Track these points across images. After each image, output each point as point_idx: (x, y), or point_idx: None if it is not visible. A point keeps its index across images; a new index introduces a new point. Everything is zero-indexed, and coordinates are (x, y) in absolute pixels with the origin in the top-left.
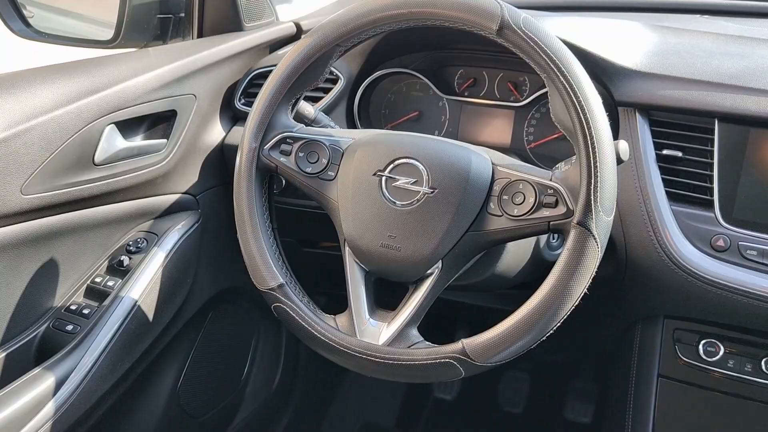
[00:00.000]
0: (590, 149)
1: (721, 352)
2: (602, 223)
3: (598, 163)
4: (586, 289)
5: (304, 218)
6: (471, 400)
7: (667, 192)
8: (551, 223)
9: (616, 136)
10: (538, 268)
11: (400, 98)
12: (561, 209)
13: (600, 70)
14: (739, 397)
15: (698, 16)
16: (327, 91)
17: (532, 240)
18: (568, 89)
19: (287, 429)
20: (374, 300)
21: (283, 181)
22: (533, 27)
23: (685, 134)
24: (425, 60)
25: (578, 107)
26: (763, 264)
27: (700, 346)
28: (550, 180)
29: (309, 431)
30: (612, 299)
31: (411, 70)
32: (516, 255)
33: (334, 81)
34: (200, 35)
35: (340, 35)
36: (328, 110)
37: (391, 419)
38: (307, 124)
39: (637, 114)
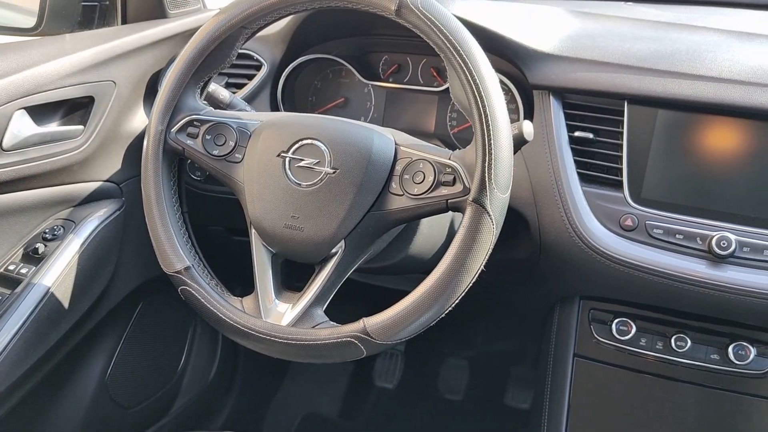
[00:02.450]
0: (485, 128)
1: (633, 331)
2: (497, 200)
3: (492, 141)
4: (483, 266)
5: (232, 206)
6: (412, 389)
7: (579, 173)
8: (449, 201)
9: (530, 119)
10: None
11: (326, 85)
12: (458, 187)
13: (514, 53)
14: (651, 375)
15: (622, 3)
16: (251, 77)
17: (447, 221)
18: (464, 68)
19: (228, 420)
20: (281, 282)
21: None
22: (431, 7)
23: (597, 116)
24: (349, 46)
25: (474, 86)
26: (668, 242)
27: (614, 326)
28: (449, 159)
29: (251, 423)
30: (530, 282)
31: (335, 56)
32: (430, 237)
33: (258, 68)
34: (125, 23)
35: (246, 17)
36: (251, 97)
37: (334, 409)
38: (222, 109)
39: (550, 96)
